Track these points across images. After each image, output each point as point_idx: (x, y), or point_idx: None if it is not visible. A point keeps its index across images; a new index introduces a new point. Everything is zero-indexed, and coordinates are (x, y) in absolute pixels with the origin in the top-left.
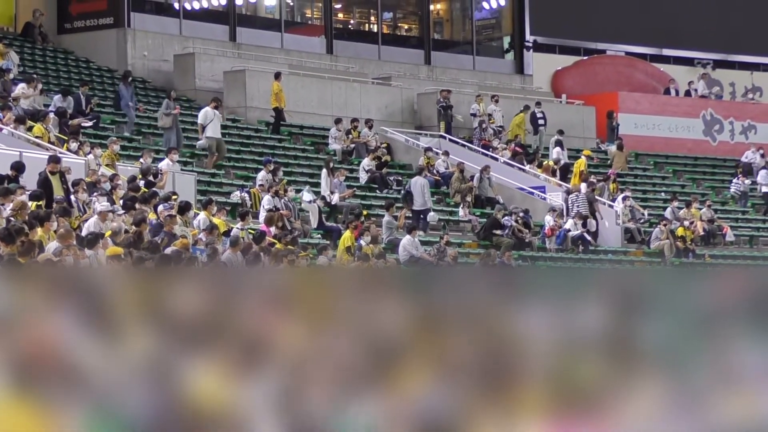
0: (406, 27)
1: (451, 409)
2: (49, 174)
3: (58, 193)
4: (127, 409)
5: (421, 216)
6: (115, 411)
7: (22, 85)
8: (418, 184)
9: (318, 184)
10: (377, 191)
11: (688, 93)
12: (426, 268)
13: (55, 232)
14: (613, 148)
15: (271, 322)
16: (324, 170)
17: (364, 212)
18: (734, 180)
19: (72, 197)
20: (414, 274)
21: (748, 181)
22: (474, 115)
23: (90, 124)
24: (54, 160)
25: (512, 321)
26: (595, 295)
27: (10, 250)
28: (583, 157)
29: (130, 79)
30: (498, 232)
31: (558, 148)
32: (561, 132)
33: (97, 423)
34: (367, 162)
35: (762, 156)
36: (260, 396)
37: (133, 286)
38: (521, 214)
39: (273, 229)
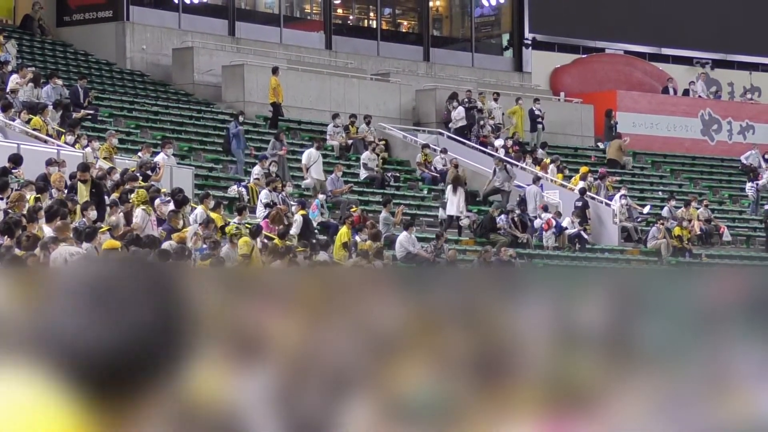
0: (405, 23)
1: (447, 404)
2: (80, 183)
3: (83, 200)
4: None
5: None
6: None
7: (14, 76)
8: (532, 192)
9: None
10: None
11: (686, 92)
12: (423, 265)
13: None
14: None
15: (268, 316)
16: (450, 186)
17: (353, 208)
18: (749, 184)
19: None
20: (411, 272)
21: (763, 181)
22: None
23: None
24: (83, 168)
25: (508, 318)
26: (592, 293)
27: (9, 242)
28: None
29: (242, 119)
30: (493, 235)
31: (541, 150)
32: (544, 144)
33: None
34: (368, 155)
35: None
36: (256, 391)
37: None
38: (517, 212)
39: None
